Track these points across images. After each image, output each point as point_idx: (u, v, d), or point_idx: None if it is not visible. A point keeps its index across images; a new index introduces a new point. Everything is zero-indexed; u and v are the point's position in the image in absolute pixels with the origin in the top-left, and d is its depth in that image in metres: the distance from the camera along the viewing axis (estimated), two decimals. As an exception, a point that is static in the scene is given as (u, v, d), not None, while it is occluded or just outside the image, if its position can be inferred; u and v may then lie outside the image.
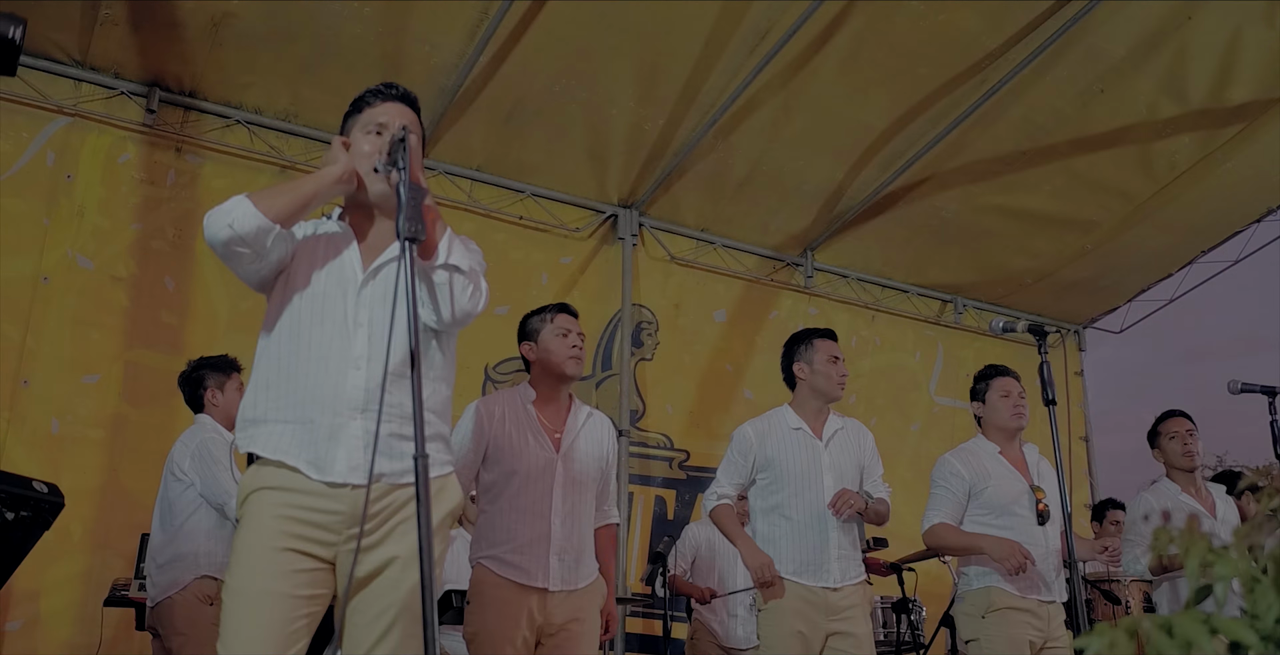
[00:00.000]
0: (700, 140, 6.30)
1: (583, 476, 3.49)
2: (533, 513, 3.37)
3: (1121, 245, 7.44)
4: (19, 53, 1.87)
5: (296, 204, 2.33)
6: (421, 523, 1.96)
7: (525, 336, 3.61)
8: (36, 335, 5.23)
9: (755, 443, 3.95)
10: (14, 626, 4.92)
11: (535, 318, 3.61)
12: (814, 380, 4.00)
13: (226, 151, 5.82)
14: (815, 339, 4.06)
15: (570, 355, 3.50)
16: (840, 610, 3.72)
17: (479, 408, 3.49)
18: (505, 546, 3.35)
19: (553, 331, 3.53)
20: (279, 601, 2.21)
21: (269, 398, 2.33)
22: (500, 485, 3.43)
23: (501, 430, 3.44)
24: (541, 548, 3.35)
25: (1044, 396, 3.21)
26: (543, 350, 3.54)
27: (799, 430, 3.97)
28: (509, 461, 3.42)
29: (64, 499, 3.13)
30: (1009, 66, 5.84)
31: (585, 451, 3.52)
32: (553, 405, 3.55)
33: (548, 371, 3.54)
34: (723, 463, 4.03)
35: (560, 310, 3.61)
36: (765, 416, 4.08)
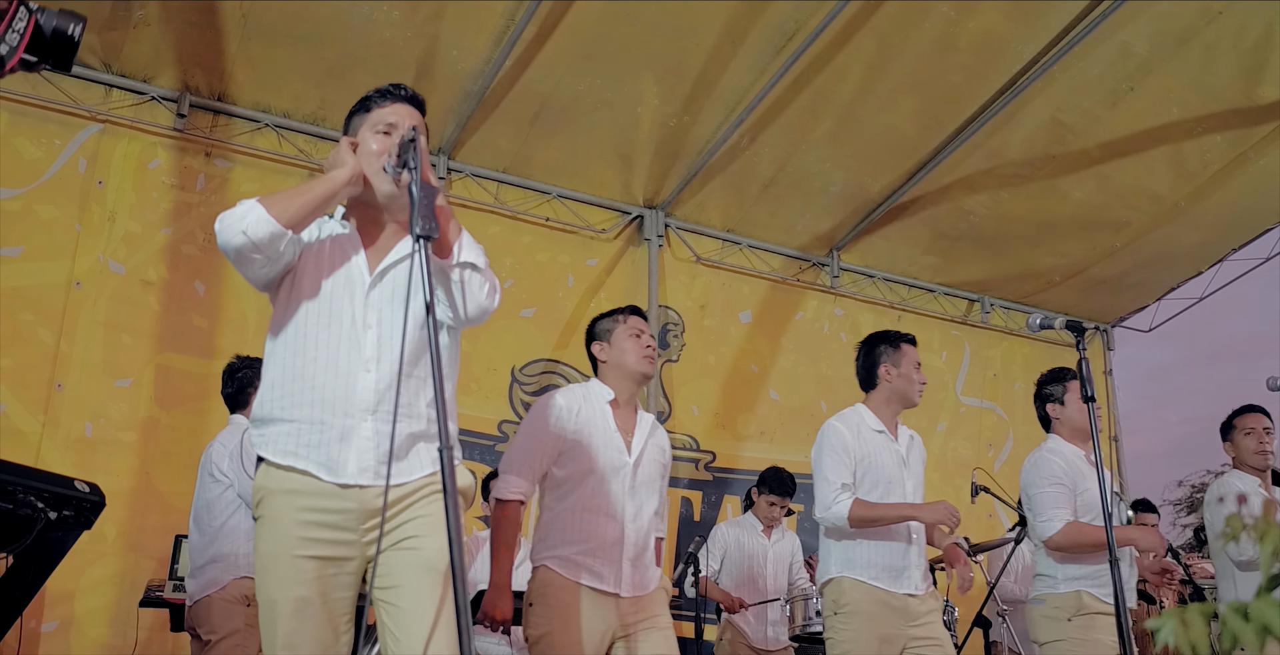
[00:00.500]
0: (726, 141, 6.30)
1: (650, 483, 3.40)
2: (606, 515, 3.26)
3: (1151, 243, 7.40)
4: (76, 50, 1.89)
5: (308, 208, 2.34)
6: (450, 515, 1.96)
7: (595, 337, 3.55)
8: (70, 340, 5.28)
9: (851, 439, 3.82)
10: (49, 627, 4.96)
11: (607, 319, 3.57)
12: (898, 384, 3.89)
13: (255, 155, 5.86)
14: (903, 343, 3.95)
15: (644, 355, 3.46)
16: (920, 616, 3.66)
17: (557, 400, 3.37)
18: (576, 548, 3.22)
19: (626, 332, 3.49)
20: (317, 608, 2.23)
21: (277, 397, 2.35)
22: (572, 483, 3.31)
23: (580, 426, 3.34)
24: (615, 552, 3.23)
25: (1083, 394, 3.16)
26: (617, 350, 3.48)
27: (881, 433, 3.87)
28: (585, 459, 3.31)
29: (105, 499, 3.15)
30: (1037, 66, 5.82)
31: (652, 458, 3.44)
32: (625, 408, 3.48)
33: (622, 372, 3.48)
34: (823, 462, 3.82)
35: (633, 312, 3.58)
36: (847, 414, 3.92)
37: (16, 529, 2.84)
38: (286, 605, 2.22)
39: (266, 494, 2.32)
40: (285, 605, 2.22)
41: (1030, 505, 4.03)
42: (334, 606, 2.26)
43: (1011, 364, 8.21)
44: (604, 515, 3.26)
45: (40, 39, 1.85)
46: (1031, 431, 8.11)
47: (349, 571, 2.29)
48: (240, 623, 3.99)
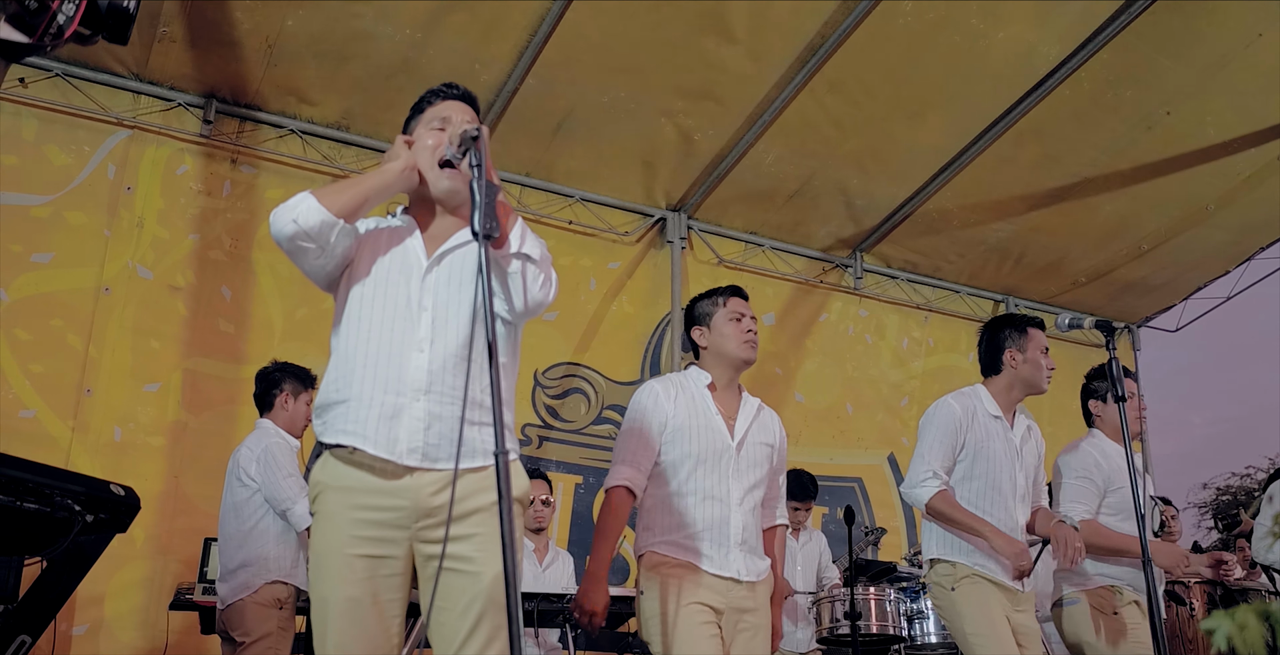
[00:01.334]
0: (749, 148, 6.30)
1: (756, 467, 3.28)
2: (712, 499, 3.17)
3: (1178, 243, 7.35)
4: (133, 22, 1.89)
5: (359, 198, 2.35)
6: (504, 519, 1.95)
7: (695, 321, 3.43)
8: (99, 345, 5.32)
9: (964, 421, 3.65)
10: (79, 631, 5.00)
11: (706, 301, 3.44)
12: (1024, 370, 3.73)
13: (281, 161, 5.89)
14: (1030, 328, 3.78)
15: (745, 340, 3.33)
16: (1021, 602, 3.61)
17: (655, 390, 3.28)
18: (684, 532, 3.13)
19: (726, 315, 3.37)
20: (368, 609, 2.22)
21: (332, 381, 2.36)
22: (674, 469, 3.21)
23: (679, 411, 3.24)
24: (723, 534, 3.13)
25: (1114, 393, 3.14)
26: (717, 335, 3.35)
27: (997, 419, 3.71)
28: (686, 444, 3.21)
29: (139, 501, 3.17)
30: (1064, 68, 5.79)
31: (759, 441, 3.32)
32: (726, 392, 3.35)
33: (722, 357, 3.35)
34: (924, 440, 3.66)
35: (733, 294, 3.45)
36: (965, 394, 3.75)
37: (52, 532, 2.86)
38: (337, 604, 2.22)
39: (323, 489, 2.32)
40: (336, 604, 2.22)
41: (1055, 494, 3.98)
42: (386, 608, 2.25)
43: (1047, 366, 8.16)
44: (710, 499, 3.17)
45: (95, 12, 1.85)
46: (1058, 432, 8.06)
47: (400, 571, 2.28)
48: (273, 626, 4.01)
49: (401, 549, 2.27)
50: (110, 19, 1.88)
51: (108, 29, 1.89)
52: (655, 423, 3.22)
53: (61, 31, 1.81)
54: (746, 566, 3.15)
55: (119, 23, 1.89)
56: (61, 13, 1.80)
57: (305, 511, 3.91)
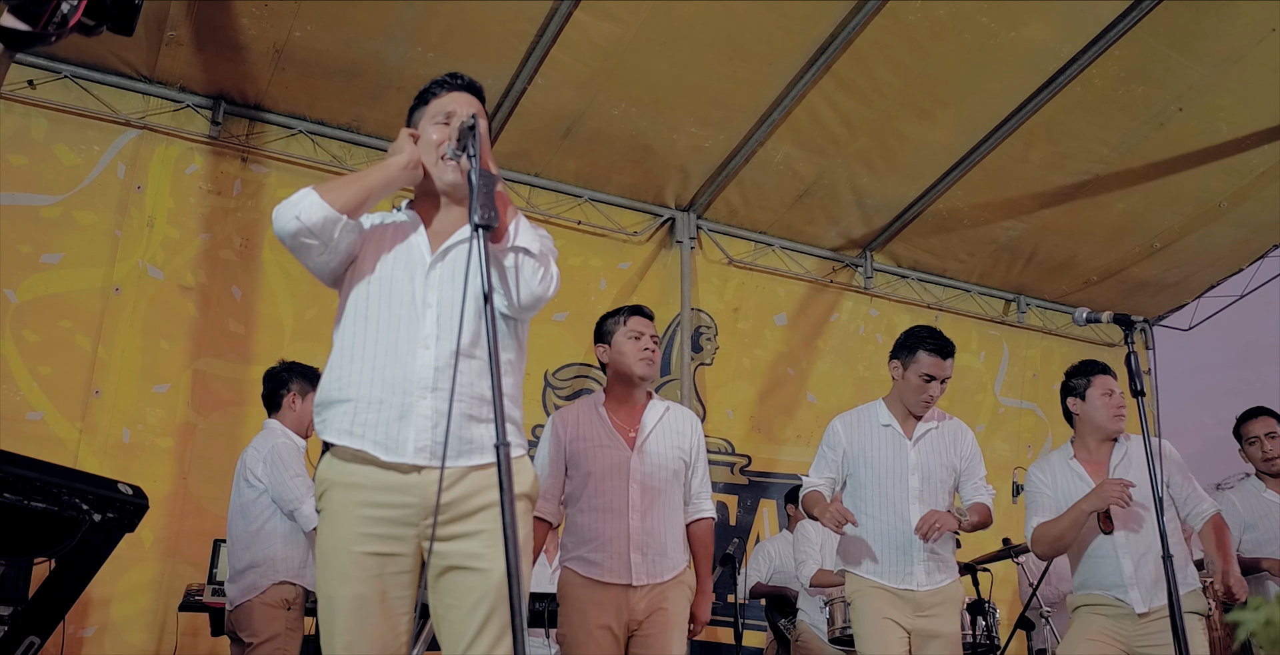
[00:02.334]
0: (759, 147, 6.27)
1: (661, 471, 3.49)
2: (610, 511, 3.40)
3: (1190, 241, 7.29)
4: (138, 12, 1.87)
5: (362, 194, 2.33)
6: (505, 511, 1.93)
7: (599, 339, 3.66)
8: (108, 346, 5.31)
9: (844, 434, 4.02)
10: (88, 632, 4.99)
11: (610, 320, 3.66)
12: (901, 386, 3.98)
13: (290, 161, 5.88)
14: (920, 350, 3.95)
15: (641, 358, 3.55)
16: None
17: (553, 421, 3.59)
18: (587, 546, 3.39)
19: (625, 334, 3.59)
20: (376, 607, 2.20)
21: (335, 378, 2.33)
22: (578, 489, 3.47)
23: (577, 436, 3.51)
24: (621, 544, 3.36)
25: (1132, 388, 3.10)
26: (615, 352, 3.59)
27: (888, 427, 3.98)
28: (584, 464, 3.47)
29: (148, 501, 3.15)
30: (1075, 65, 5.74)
31: (663, 445, 3.52)
32: (626, 406, 3.59)
33: (619, 374, 3.59)
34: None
35: (634, 313, 3.65)
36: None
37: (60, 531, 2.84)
38: (345, 602, 2.20)
39: (329, 486, 2.30)
40: (344, 602, 2.20)
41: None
42: (393, 606, 2.23)
43: (1050, 364, 8.11)
44: (608, 512, 3.39)
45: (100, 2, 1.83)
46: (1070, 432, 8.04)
47: (408, 568, 2.26)
48: (281, 627, 4.00)
49: (409, 546, 2.25)
50: (115, 9, 1.86)
51: (112, 19, 1.87)
52: (557, 459, 3.52)
53: (65, 21, 1.79)
54: (647, 571, 3.36)
55: (124, 13, 1.87)
56: (66, 2, 1.78)
57: (312, 511, 3.90)
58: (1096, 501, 3.67)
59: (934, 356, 3.90)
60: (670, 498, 3.50)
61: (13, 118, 5.32)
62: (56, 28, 1.80)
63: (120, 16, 1.88)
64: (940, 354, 3.91)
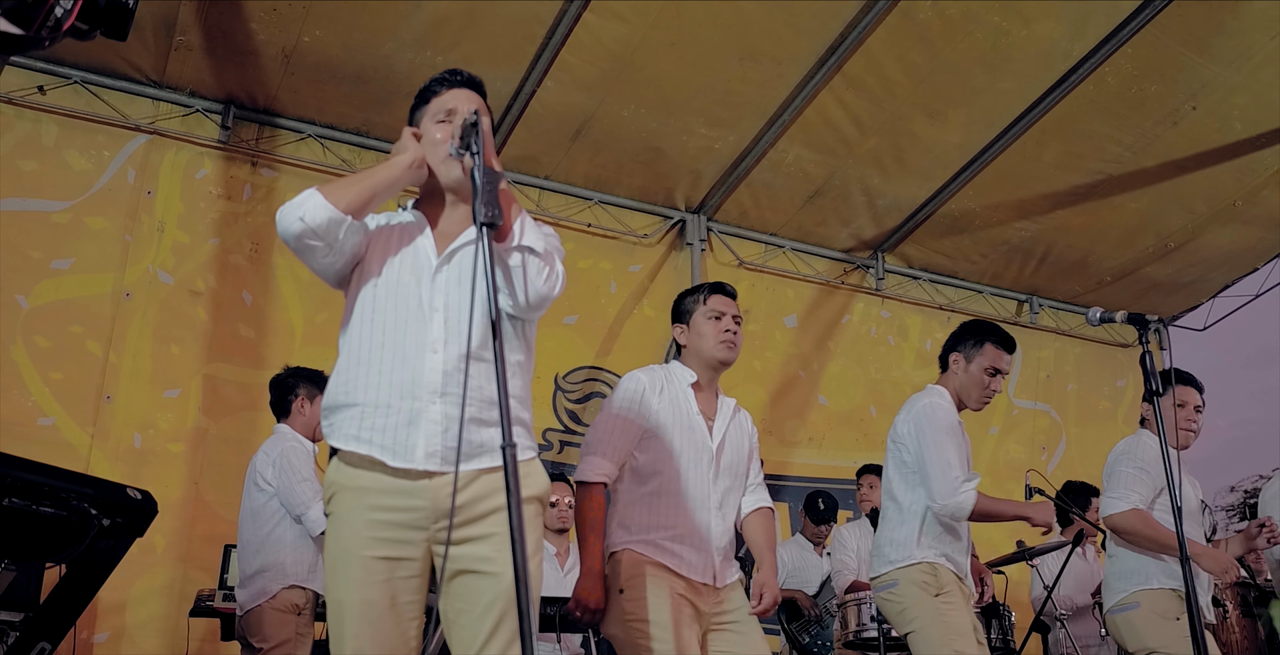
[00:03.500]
0: (769, 148, 6.25)
1: (734, 469, 3.25)
2: (694, 502, 3.11)
3: (1204, 240, 7.24)
4: (132, 17, 1.86)
5: (366, 194, 2.30)
6: (513, 513, 1.90)
7: (677, 318, 3.35)
8: (119, 351, 5.31)
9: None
10: (100, 638, 4.99)
11: (689, 298, 3.35)
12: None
13: (300, 165, 5.88)
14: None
15: (722, 340, 3.23)
16: None
17: (642, 378, 3.20)
18: (664, 533, 3.05)
19: (705, 314, 3.27)
20: (385, 612, 2.18)
21: (342, 382, 2.31)
22: (655, 467, 3.13)
23: (663, 407, 3.16)
24: (704, 540, 3.08)
25: (1148, 388, 3.05)
26: (695, 334, 3.27)
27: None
28: (669, 443, 3.13)
29: (157, 505, 3.14)
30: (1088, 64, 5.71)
31: (735, 443, 3.27)
32: (706, 392, 3.29)
33: (699, 356, 3.27)
34: (933, 447, 3.57)
35: (715, 290, 3.34)
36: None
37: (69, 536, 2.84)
38: (354, 607, 2.17)
39: (338, 490, 2.28)
40: (352, 607, 2.17)
41: (1107, 482, 3.87)
42: (403, 610, 2.20)
43: (1064, 365, 8.06)
44: (692, 502, 3.10)
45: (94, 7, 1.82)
46: (1085, 433, 8.00)
47: (417, 573, 2.23)
48: (291, 632, 3.99)
49: (419, 550, 2.23)
50: (108, 14, 1.84)
51: (105, 24, 1.85)
52: (638, 416, 3.13)
53: (59, 24, 1.78)
54: (723, 572, 3.11)
55: (117, 18, 1.86)
56: (59, 6, 1.76)
57: (320, 516, 3.88)
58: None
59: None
60: (737, 499, 3.28)
61: (23, 123, 5.33)
62: (50, 31, 1.78)
63: (114, 21, 1.86)
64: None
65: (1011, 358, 3.80)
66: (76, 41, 1.89)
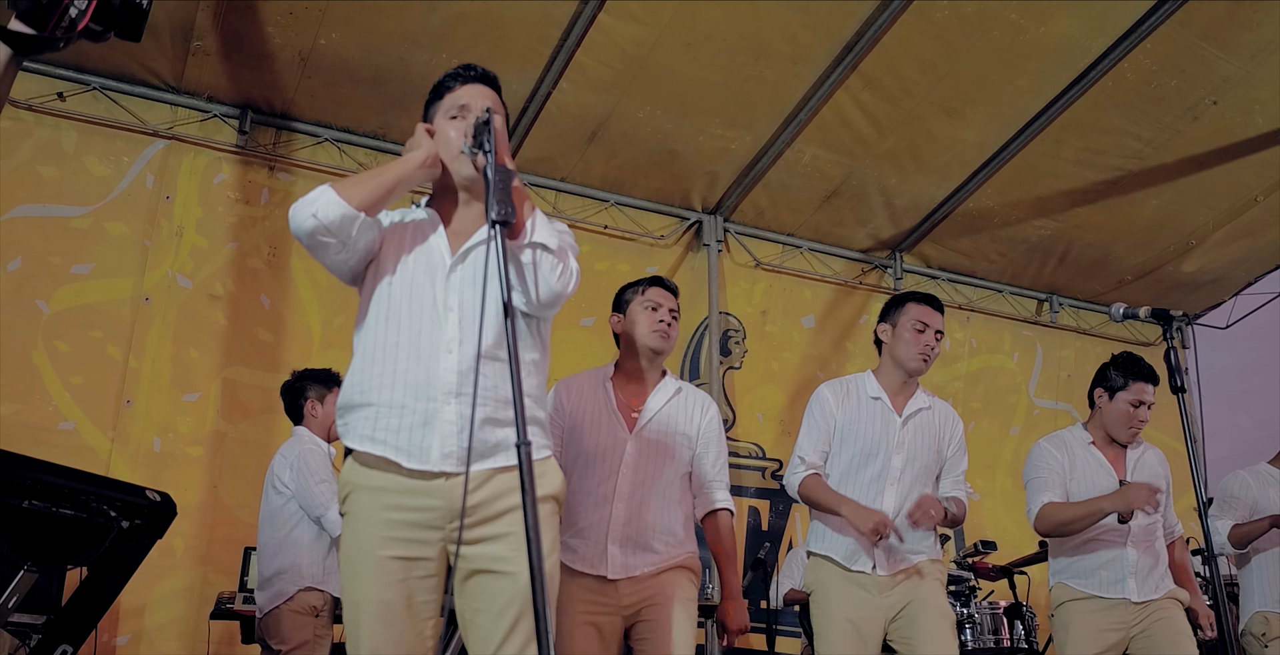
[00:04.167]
0: (786, 148, 6.23)
1: (660, 457, 3.20)
2: (596, 496, 3.13)
3: (1226, 237, 7.17)
4: (145, 18, 1.86)
5: (380, 191, 2.29)
6: (528, 510, 1.89)
7: (615, 308, 3.42)
8: (138, 355, 5.33)
9: (833, 405, 3.72)
10: (122, 641, 5.01)
11: (629, 290, 3.41)
12: (893, 346, 3.67)
13: (317, 169, 5.89)
14: (910, 301, 3.69)
15: (654, 330, 3.26)
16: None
17: (558, 389, 3.29)
18: (569, 532, 3.09)
19: (641, 304, 3.32)
20: (402, 612, 2.17)
21: (356, 382, 2.30)
22: (569, 466, 3.17)
23: (578, 409, 3.23)
24: (600, 533, 3.10)
25: (1171, 385, 3.01)
26: (629, 322, 3.32)
27: (877, 400, 3.67)
28: (579, 442, 3.19)
29: (176, 508, 3.15)
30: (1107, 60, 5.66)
31: (667, 429, 3.23)
32: (635, 383, 3.29)
33: (631, 345, 3.32)
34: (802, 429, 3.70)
35: (653, 283, 3.39)
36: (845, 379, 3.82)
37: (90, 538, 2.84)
38: (371, 608, 2.16)
39: (353, 489, 2.27)
40: (369, 608, 2.16)
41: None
42: (419, 610, 2.20)
43: (1085, 364, 7.99)
44: (594, 497, 3.14)
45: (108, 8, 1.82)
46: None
47: (434, 572, 2.22)
48: (309, 634, 4.00)
49: (435, 550, 2.22)
50: (123, 15, 1.85)
51: (120, 25, 1.86)
52: (554, 421, 3.21)
53: (74, 25, 1.78)
54: (625, 563, 3.08)
55: (131, 19, 1.86)
56: (74, 7, 1.77)
57: (338, 517, 3.88)
58: (1121, 504, 3.61)
59: (924, 305, 3.64)
60: (668, 488, 3.20)
61: (43, 130, 5.37)
62: (65, 32, 1.79)
63: (128, 22, 1.86)
64: (931, 304, 3.70)
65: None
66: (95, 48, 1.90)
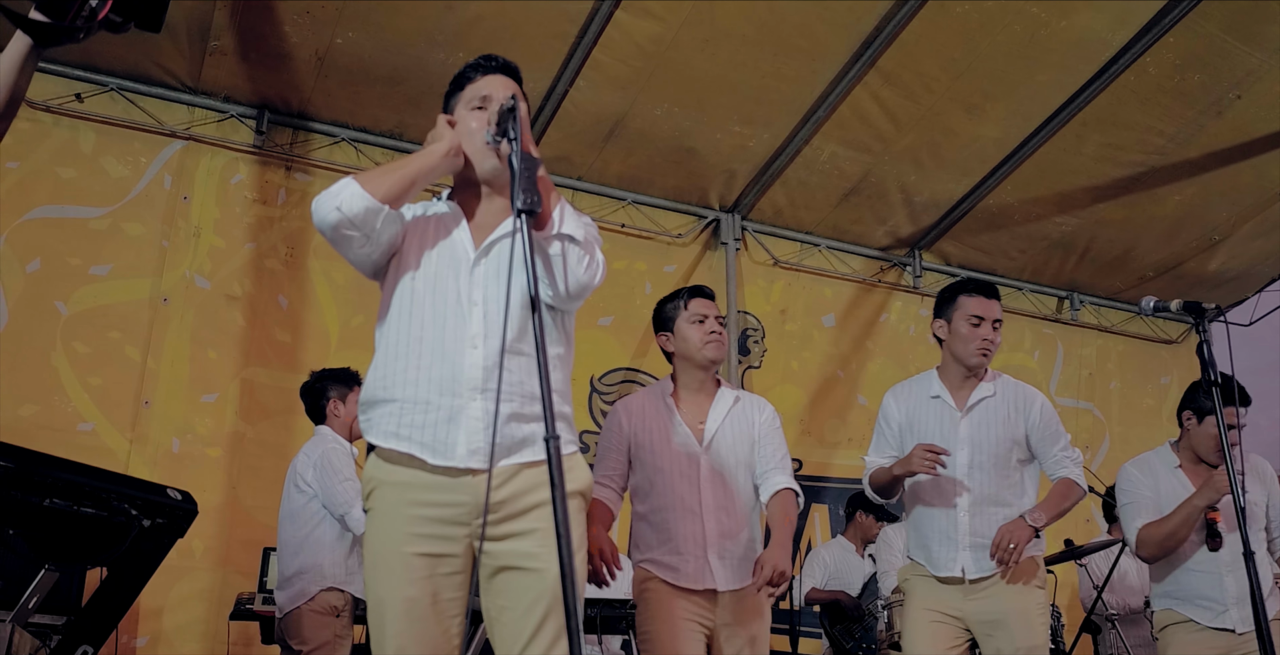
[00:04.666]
0: (804, 145, 6.19)
1: (732, 466, 3.28)
2: (683, 511, 3.20)
3: (1251, 234, 7.09)
4: (165, 8, 1.84)
5: (403, 183, 2.26)
6: (557, 505, 1.85)
7: (661, 327, 3.45)
8: (156, 356, 5.33)
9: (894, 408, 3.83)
10: (141, 642, 5.01)
11: (669, 305, 3.45)
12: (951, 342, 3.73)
13: (335, 169, 5.87)
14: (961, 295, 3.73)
15: (707, 341, 3.34)
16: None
17: (618, 408, 3.38)
18: (664, 548, 3.18)
19: (688, 319, 3.38)
20: (427, 609, 2.14)
21: (379, 377, 2.27)
22: (646, 484, 3.28)
23: (643, 428, 3.30)
24: (697, 547, 3.16)
25: (1205, 379, 2.96)
26: (680, 340, 3.38)
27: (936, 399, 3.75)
28: (653, 459, 3.26)
29: (197, 506, 3.13)
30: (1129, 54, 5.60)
31: (732, 439, 3.31)
32: (697, 396, 3.37)
33: (687, 361, 3.38)
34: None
35: (694, 295, 3.45)
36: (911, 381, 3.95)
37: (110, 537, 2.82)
38: (395, 605, 2.13)
39: (377, 485, 2.24)
40: (394, 605, 2.13)
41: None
42: (445, 608, 2.16)
43: (1106, 362, 7.93)
44: (679, 511, 3.21)
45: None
46: (1129, 432, 7.84)
47: (460, 569, 2.19)
48: (330, 634, 3.97)
49: (461, 546, 2.19)
50: (143, 5, 1.83)
51: (139, 16, 1.84)
52: (620, 448, 3.32)
53: (94, 15, 1.77)
54: (727, 576, 3.16)
55: (152, 9, 1.84)
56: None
57: (362, 515, 3.86)
58: (1211, 494, 3.54)
59: (976, 297, 3.63)
60: (743, 495, 3.30)
61: (60, 131, 5.37)
62: (85, 22, 1.77)
63: (147, 12, 1.84)
64: (984, 294, 3.66)
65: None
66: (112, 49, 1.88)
